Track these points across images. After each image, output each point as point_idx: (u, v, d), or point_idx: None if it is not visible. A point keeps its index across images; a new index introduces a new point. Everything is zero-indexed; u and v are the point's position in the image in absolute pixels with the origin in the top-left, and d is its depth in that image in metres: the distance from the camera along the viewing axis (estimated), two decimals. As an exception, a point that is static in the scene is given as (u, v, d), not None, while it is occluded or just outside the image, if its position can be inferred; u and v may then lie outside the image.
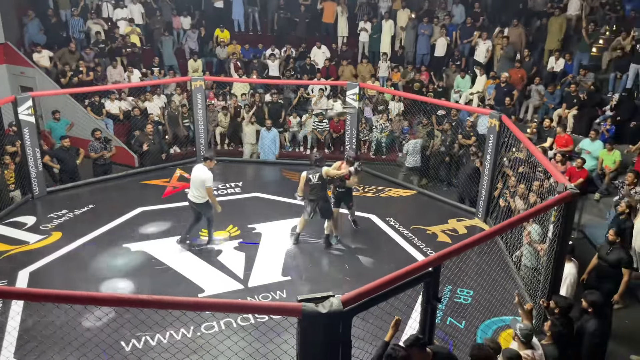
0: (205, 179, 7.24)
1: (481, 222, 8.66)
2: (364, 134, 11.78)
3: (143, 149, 10.48)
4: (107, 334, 5.09)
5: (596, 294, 5.19)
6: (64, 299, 3.26)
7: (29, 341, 5.48)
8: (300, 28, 14.98)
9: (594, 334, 4.93)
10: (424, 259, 4.03)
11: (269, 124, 11.17)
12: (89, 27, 13.83)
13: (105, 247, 7.62)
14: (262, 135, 11.31)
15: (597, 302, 5.04)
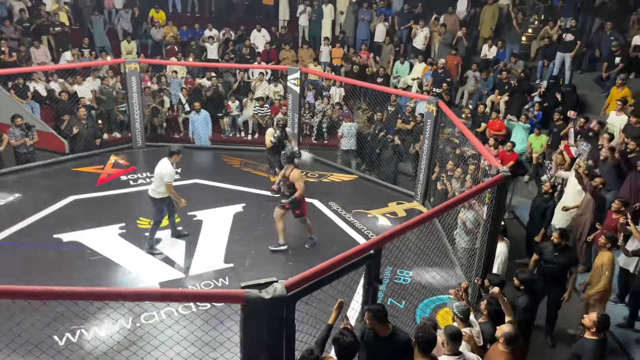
0: (164, 174, 6.86)
1: (420, 205, 8.93)
2: (306, 119, 11.77)
3: (73, 132, 9.93)
4: (39, 328, 4.85)
5: (527, 273, 5.52)
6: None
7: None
8: (239, 10, 14.69)
9: (525, 309, 5.23)
10: (366, 242, 4.10)
11: (197, 106, 10.86)
12: (10, 4, 12.90)
13: (36, 238, 7.22)
14: (192, 119, 10.98)
15: (527, 280, 5.35)
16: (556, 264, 6.00)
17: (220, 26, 14.12)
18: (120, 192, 8.81)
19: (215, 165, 10.27)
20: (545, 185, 7.58)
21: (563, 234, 6.06)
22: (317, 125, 11.87)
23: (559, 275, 6.03)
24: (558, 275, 6.03)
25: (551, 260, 6.02)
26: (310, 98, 12.24)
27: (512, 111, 10.97)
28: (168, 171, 6.88)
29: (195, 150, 10.99)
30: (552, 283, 6.06)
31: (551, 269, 6.03)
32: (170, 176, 6.90)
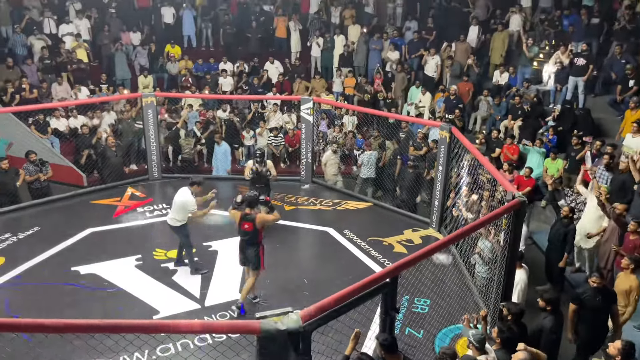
0: (188, 203, 7.01)
1: (435, 232, 8.85)
2: (319, 147, 11.85)
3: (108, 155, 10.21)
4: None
5: (551, 292, 5.40)
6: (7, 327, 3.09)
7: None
8: (252, 43, 15.01)
9: (551, 330, 5.11)
10: (382, 270, 4.07)
11: (218, 138, 11.03)
12: (31, 43, 13.36)
13: (54, 271, 7.28)
14: (215, 150, 11.15)
15: (552, 300, 5.23)
16: (602, 308, 5.58)
17: (234, 59, 14.43)
18: (137, 223, 8.89)
19: (230, 195, 10.32)
20: (564, 210, 7.48)
21: (602, 275, 5.75)
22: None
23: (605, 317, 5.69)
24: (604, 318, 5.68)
25: (597, 307, 5.58)
26: (324, 127, 12.35)
27: (527, 136, 10.93)
28: (190, 200, 7.01)
29: (210, 181, 11.08)
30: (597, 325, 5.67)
31: (596, 316, 5.60)
32: (193, 204, 7.05)
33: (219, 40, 15.40)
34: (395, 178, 10.20)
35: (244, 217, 6.36)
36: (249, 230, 6.34)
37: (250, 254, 6.46)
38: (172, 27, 15.12)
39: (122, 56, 13.85)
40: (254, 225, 6.32)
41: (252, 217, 6.34)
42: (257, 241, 6.44)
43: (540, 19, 13.48)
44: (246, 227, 6.33)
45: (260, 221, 6.35)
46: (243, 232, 6.41)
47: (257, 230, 6.37)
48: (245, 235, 6.42)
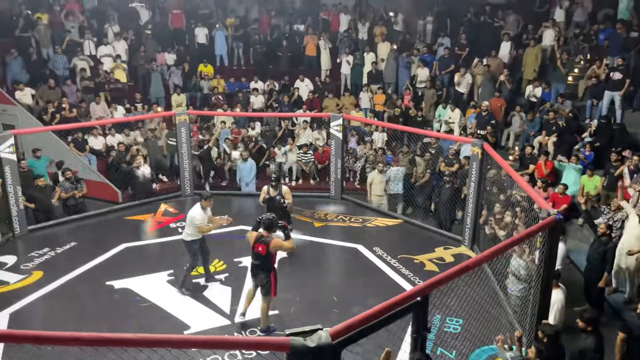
0: (195, 217, 7.12)
1: (468, 250, 8.68)
2: (349, 164, 11.86)
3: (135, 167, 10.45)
4: (90, 376, 4.93)
5: (591, 311, 5.20)
6: (44, 340, 3.16)
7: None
8: (283, 62, 15.23)
9: (595, 349, 4.92)
10: (412, 288, 4.01)
11: (245, 156, 11.14)
12: (74, 63, 13.89)
13: (89, 285, 7.44)
14: (240, 167, 11.25)
15: (593, 319, 5.04)
16: None
17: (265, 78, 14.66)
18: (170, 239, 9.02)
19: (261, 211, 10.37)
20: (601, 228, 7.22)
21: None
22: (360, 170, 11.92)
23: None
24: None
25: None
26: (353, 144, 12.36)
27: (562, 152, 10.67)
28: (198, 214, 7.12)
29: (241, 197, 11.21)
30: None
31: None
32: (201, 219, 7.12)
33: (250, 59, 15.68)
34: (431, 195, 10.07)
35: (259, 239, 6.20)
36: (262, 253, 6.16)
37: (261, 279, 6.28)
38: (205, 47, 15.50)
39: (158, 76, 14.26)
40: (268, 249, 6.13)
41: (267, 241, 6.15)
42: (269, 266, 6.25)
43: (574, 34, 13.26)
44: (260, 249, 6.17)
45: (275, 246, 6.18)
46: (256, 254, 6.23)
47: (270, 254, 6.18)
48: (258, 258, 6.23)
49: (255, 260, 6.30)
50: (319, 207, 10.43)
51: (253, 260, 6.32)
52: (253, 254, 6.29)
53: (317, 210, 10.29)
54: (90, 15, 15.78)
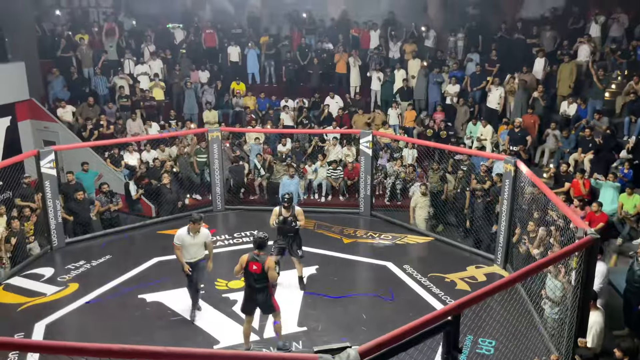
0: (175, 236, 7.01)
1: (500, 269, 8.49)
2: (378, 180, 11.81)
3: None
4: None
5: (629, 341, 4.99)
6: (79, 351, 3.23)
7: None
8: (314, 79, 15.39)
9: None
10: (443, 307, 3.94)
11: (292, 172, 11.10)
12: (114, 82, 14.38)
13: (122, 298, 7.59)
14: (285, 183, 11.14)
15: (632, 349, 4.84)
16: None
17: (295, 95, 14.82)
18: (200, 254, 9.13)
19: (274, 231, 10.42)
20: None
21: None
22: (390, 187, 11.85)
23: None
24: None
25: None
26: (383, 160, 12.33)
27: (599, 170, 10.35)
28: (178, 234, 6.99)
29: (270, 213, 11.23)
30: None
31: None
32: (179, 239, 6.94)
33: (282, 76, 15.90)
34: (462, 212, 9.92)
35: (252, 258, 6.09)
36: (257, 272, 6.04)
37: (262, 299, 6.17)
38: (237, 65, 15.81)
39: (191, 93, 14.60)
40: (263, 267, 6.04)
41: (262, 259, 6.06)
42: (266, 284, 6.14)
43: (610, 49, 12.97)
44: (254, 268, 6.04)
45: (269, 265, 6.06)
46: (250, 274, 6.09)
47: (266, 273, 6.06)
48: (252, 278, 6.09)
49: (249, 280, 6.14)
50: (348, 224, 10.41)
51: (248, 282, 6.16)
52: (247, 275, 6.13)
53: (346, 226, 10.26)
54: (128, 35, 16.33)
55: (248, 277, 6.15)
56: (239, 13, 17.73)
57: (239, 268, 6.20)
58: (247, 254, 6.18)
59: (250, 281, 6.14)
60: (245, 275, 6.17)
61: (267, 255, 6.24)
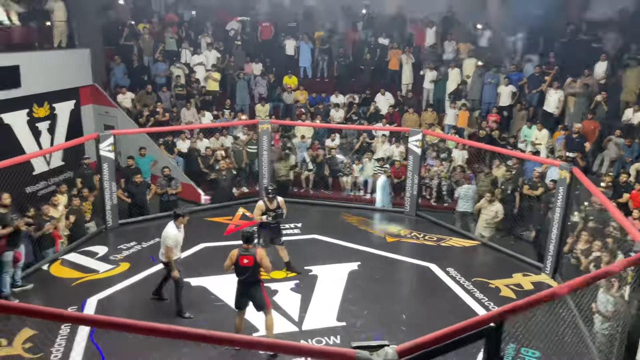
0: (165, 236, 6.81)
1: (549, 279, 8.21)
2: (426, 180, 11.65)
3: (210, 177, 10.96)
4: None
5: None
6: (128, 327, 3.39)
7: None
8: (365, 75, 15.31)
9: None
10: (486, 313, 3.86)
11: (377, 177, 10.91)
12: (171, 71, 14.83)
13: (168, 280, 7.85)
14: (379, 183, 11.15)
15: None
16: None
17: (346, 91, 14.79)
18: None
19: (334, 222, 10.47)
20: None
21: None
22: (437, 188, 11.67)
23: None
24: None
25: None
26: (431, 160, 12.15)
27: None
28: (169, 234, 6.79)
29: (315, 207, 11.36)
30: None
31: None
32: (172, 240, 6.78)
33: (333, 71, 15.90)
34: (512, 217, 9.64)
35: (242, 252, 6.06)
36: (248, 265, 6.01)
37: (254, 294, 6.15)
38: (292, 58, 15.93)
39: (243, 84, 14.85)
40: (255, 259, 6.02)
41: (252, 252, 6.04)
42: (257, 278, 6.13)
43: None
44: (245, 262, 6.02)
45: (261, 256, 6.06)
46: (242, 269, 6.05)
47: (258, 265, 6.05)
48: (245, 272, 6.05)
49: (242, 276, 6.09)
50: (392, 222, 10.34)
51: (240, 277, 6.12)
52: (238, 270, 6.09)
53: (390, 225, 10.20)
54: (188, 26, 16.77)
55: (239, 272, 6.12)
56: (295, 7, 17.86)
57: (229, 263, 6.15)
58: (236, 249, 6.15)
59: (240, 275, 6.11)
60: (236, 271, 6.13)
61: (257, 247, 6.21)
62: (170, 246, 6.78)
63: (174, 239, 6.82)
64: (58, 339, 6.26)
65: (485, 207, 9.51)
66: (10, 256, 7.28)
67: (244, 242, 6.13)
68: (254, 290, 6.16)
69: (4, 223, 7.17)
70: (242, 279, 6.12)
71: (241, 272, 6.09)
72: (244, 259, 6.05)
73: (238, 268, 6.09)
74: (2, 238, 7.17)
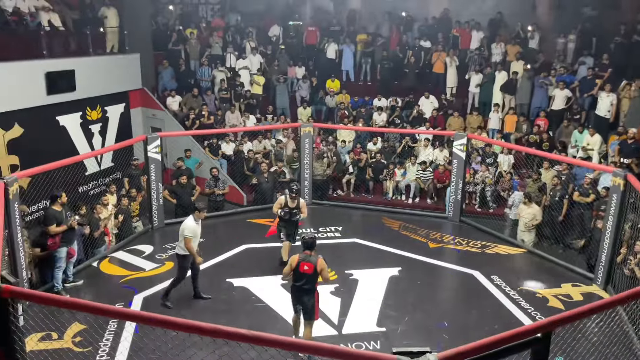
0: (184, 228, 7.08)
1: (600, 290, 7.87)
2: (471, 186, 11.40)
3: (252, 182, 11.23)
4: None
5: None
6: (173, 325, 3.47)
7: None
8: (409, 77, 15.15)
9: None
10: (533, 323, 3.73)
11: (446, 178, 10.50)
12: (214, 75, 15.15)
13: (210, 280, 8.00)
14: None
15: None
16: None
17: (389, 94, 14.68)
18: (286, 244, 9.38)
19: (375, 226, 10.40)
20: None
21: None
22: (480, 193, 11.40)
23: None
24: None
25: None
26: (476, 165, 11.88)
27: None
28: (187, 226, 7.06)
29: (356, 210, 11.32)
30: None
31: None
32: (190, 231, 7.05)
33: (376, 74, 15.82)
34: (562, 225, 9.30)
35: (303, 258, 6.03)
36: (308, 272, 5.97)
37: (307, 302, 6.09)
38: (334, 62, 15.96)
39: (284, 88, 14.98)
40: (315, 268, 5.97)
41: (314, 260, 6.00)
42: (314, 286, 6.08)
43: None
44: (306, 268, 5.98)
45: (322, 266, 6.00)
46: (301, 275, 6.01)
47: (317, 274, 6.00)
48: (302, 278, 6.01)
49: (299, 282, 6.06)
50: (435, 228, 10.18)
51: (296, 283, 6.10)
52: (297, 276, 6.06)
53: (433, 230, 10.04)
54: (234, 30, 17.10)
55: (297, 278, 6.09)
56: (338, 10, 17.90)
57: (289, 270, 6.11)
58: (297, 255, 6.13)
59: (298, 281, 6.10)
60: (294, 276, 6.10)
61: (318, 255, 6.14)
62: (189, 237, 7.03)
63: (191, 230, 7.07)
64: (106, 334, 6.48)
65: (522, 210, 9.25)
66: (64, 252, 7.62)
67: (305, 248, 6.13)
68: (307, 299, 6.11)
69: (59, 221, 7.51)
70: (298, 284, 6.09)
71: (299, 278, 6.06)
72: (305, 265, 6.02)
73: (297, 273, 6.07)
74: (57, 235, 7.50)
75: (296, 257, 6.10)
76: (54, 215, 7.49)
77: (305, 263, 6.02)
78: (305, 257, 6.06)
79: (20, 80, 10.35)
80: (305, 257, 6.05)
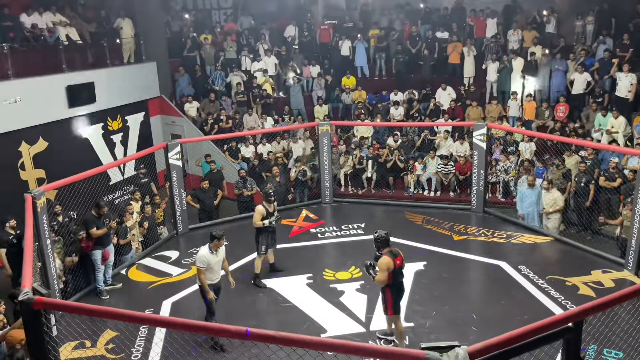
0: (196, 258, 6.50)
1: (632, 276, 7.70)
2: (494, 176, 11.25)
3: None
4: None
5: None
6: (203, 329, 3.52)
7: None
8: (425, 70, 15.02)
9: None
10: (564, 312, 3.67)
11: (531, 181, 9.48)
12: (230, 79, 15.26)
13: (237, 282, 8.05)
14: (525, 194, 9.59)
15: None
16: None
17: (405, 88, 14.58)
18: (309, 244, 9.42)
19: (398, 221, 10.35)
20: None
21: None
22: (503, 183, 11.24)
23: None
24: None
25: None
26: (497, 155, 11.71)
27: None
28: (199, 256, 6.44)
29: (378, 207, 11.28)
30: None
31: None
32: (202, 262, 6.37)
33: (391, 68, 15.71)
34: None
35: (393, 255, 6.03)
36: (401, 265, 6.11)
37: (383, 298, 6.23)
38: (348, 59, 15.92)
39: (297, 89, 14.99)
40: (403, 259, 6.15)
41: (398, 252, 6.13)
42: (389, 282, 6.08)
43: None
44: (398, 262, 6.05)
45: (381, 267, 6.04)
46: (399, 271, 6.10)
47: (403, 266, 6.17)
48: (401, 273, 6.14)
49: (400, 278, 6.14)
50: (458, 220, 10.08)
51: (399, 279, 6.14)
52: (398, 273, 6.07)
53: (457, 223, 9.94)
54: (248, 33, 17.19)
55: (399, 275, 6.10)
56: (351, 7, 17.84)
57: (387, 274, 5.97)
58: (384, 257, 5.99)
59: (401, 277, 6.15)
60: (394, 275, 6.03)
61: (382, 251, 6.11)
62: (201, 268, 6.39)
63: (203, 261, 6.39)
64: (137, 340, 6.60)
65: (544, 196, 9.13)
66: (98, 254, 7.90)
67: (385, 246, 6.08)
68: (382, 294, 6.22)
69: (97, 226, 7.81)
70: (400, 280, 6.17)
71: (400, 274, 6.14)
72: (397, 260, 6.04)
73: (397, 272, 6.05)
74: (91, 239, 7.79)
75: (387, 258, 5.95)
76: (93, 220, 7.81)
77: (397, 258, 6.04)
78: (392, 253, 6.03)
79: (42, 95, 10.60)
80: (394, 253, 6.04)
